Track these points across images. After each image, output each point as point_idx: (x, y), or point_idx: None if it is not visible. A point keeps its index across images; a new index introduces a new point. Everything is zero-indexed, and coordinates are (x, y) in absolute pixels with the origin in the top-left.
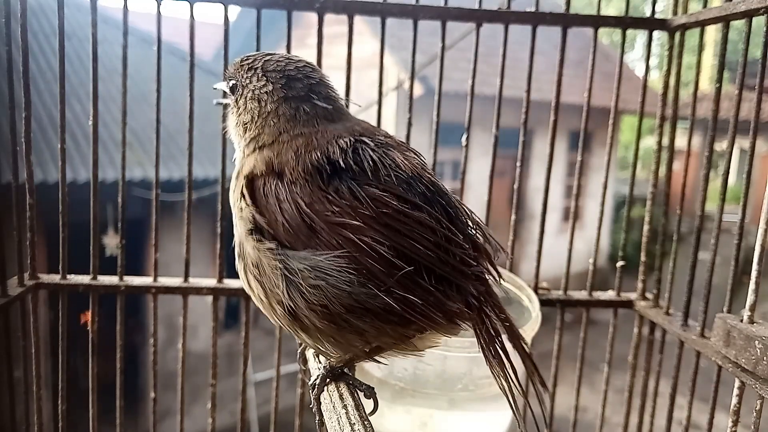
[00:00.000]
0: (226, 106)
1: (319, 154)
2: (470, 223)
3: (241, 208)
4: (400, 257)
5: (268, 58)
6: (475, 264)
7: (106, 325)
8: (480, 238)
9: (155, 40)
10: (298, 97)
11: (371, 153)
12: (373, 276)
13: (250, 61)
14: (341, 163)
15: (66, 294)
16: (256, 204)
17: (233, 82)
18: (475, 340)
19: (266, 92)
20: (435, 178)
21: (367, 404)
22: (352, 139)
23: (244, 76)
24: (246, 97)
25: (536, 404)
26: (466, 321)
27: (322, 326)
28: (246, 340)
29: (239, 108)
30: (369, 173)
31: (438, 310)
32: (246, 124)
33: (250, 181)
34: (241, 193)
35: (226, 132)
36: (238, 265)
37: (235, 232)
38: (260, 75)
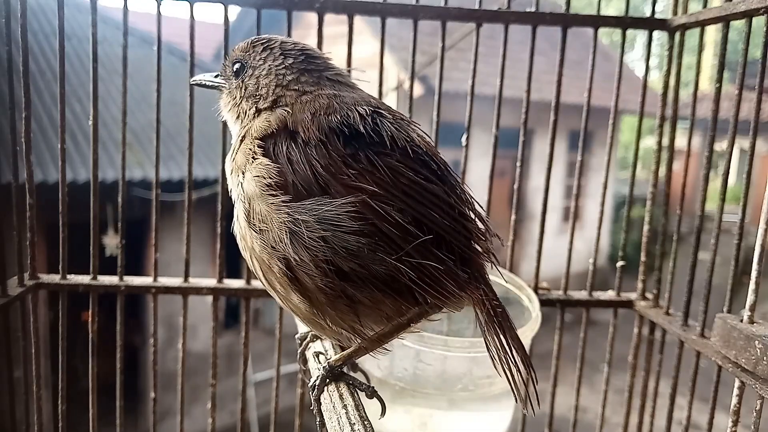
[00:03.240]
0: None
1: (339, 117)
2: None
3: (258, 165)
4: (415, 224)
5: (283, 39)
6: (483, 239)
7: (106, 325)
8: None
9: (155, 40)
10: (317, 70)
11: (389, 124)
12: (388, 242)
13: (263, 41)
14: (361, 128)
15: (66, 294)
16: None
17: (239, 63)
18: (475, 340)
19: (285, 66)
20: (445, 160)
21: (368, 405)
22: (370, 108)
23: (258, 56)
24: (260, 76)
25: (533, 403)
26: (474, 293)
27: (320, 288)
28: (246, 340)
29: (249, 86)
30: (387, 143)
31: (451, 279)
32: (260, 96)
33: (262, 140)
34: (253, 151)
35: (224, 113)
36: (241, 228)
37: (237, 194)
38: (278, 54)
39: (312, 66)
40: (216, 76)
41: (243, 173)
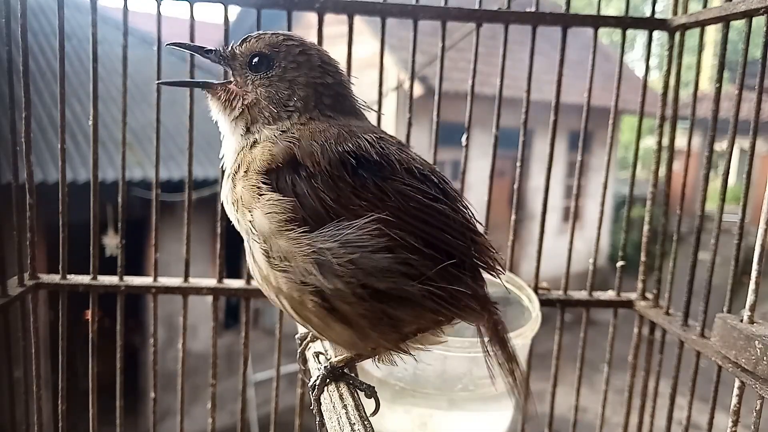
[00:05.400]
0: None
1: (350, 146)
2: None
3: (268, 201)
4: (429, 246)
5: (317, 46)
6: (493, 252)
7: (106, 325)
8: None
9: (155, 40)
10: (348, 98)
11: (393, 148)
12: (408, 267)
13: (298, 43)
14: (373, 155)
15: (66, 294)
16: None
17: (263, 56)
18: (475, 340)
19: (323, 84)
20: (444, 175)
21: (368, 404)
22: (375, 135)
23: (292, 58)
24: (293, 81)
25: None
26: (492, 308)
27: (361, 312)
28: (246, 340)
29: (281, 88)
30: (394, 167)
31: (473, 298)
32: (294, 109)
33: (266, 174)
34: (258, 187)
35: (224, 108)
36: (261, 269)
37: (247, 232)
38: (317, 64)
39: (345, 92)
40: (208, 51)
41: (250, 211)
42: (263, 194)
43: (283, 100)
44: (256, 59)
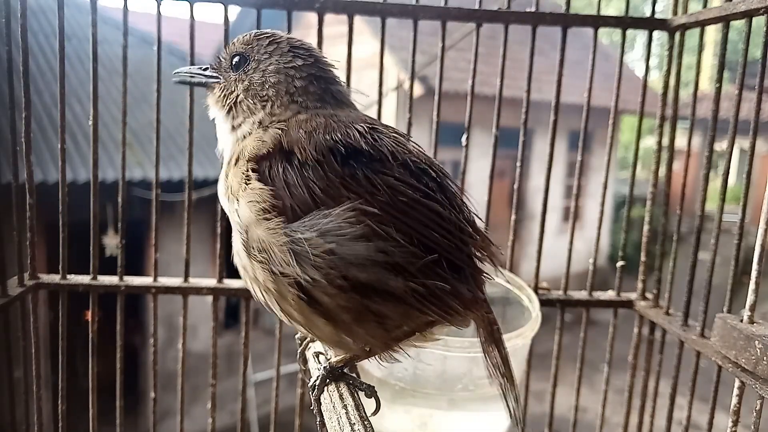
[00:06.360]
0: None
1: (339, 136)
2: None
3: (252, 190)
4: (417, 243)
5: (289, 35)
6: (484, 253)
7: (106, 325)
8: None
9: (155, 40)
10: (325, 80)
11: (387, 140)
12: (392, 261)
13: (268, 35)
14: (362, 144)
15: (66, 294)
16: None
17: (240, 55)
18: (475, 340)
19: (294, 67)
20: (443, 168)
21: (369, 404)
22: (367, 126)
23: (263, 50)
24: (266, 71)
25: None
26: (478, 310)
27: (343, 306)
28: (246, 340)
29: (254, 80)
30: (386, 160)
31: (456, 298)
32: (266, 99)
33: (256, 162)
34: (247, 176)
35: (215, 108)
36: (241, 259)
37: (234, 222)
38: (286, 49)
39: (321, 74)
40: (205, 69)
41: (237, 200)
42: (250, 183)
43: (258, 91)
44: (236, 59)
